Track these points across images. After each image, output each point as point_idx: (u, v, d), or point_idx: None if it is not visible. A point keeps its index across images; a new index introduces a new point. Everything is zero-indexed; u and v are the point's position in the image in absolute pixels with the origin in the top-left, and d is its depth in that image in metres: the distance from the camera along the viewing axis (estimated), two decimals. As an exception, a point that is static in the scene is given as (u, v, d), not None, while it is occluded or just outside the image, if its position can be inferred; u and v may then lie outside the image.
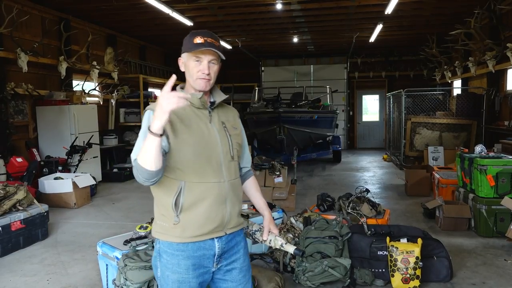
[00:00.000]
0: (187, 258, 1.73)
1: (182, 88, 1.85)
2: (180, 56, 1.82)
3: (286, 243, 1.98)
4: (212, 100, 1.84)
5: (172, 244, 1.73)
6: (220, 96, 1.87)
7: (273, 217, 4.21)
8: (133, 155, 1.65)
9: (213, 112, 1.82)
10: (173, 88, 1.57)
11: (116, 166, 8.98)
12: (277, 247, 1.99)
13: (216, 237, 1.77)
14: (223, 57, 1.78)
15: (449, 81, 11.04)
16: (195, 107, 1.78)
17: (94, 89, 8.95)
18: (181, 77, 1.80)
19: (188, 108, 1.76)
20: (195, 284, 1.76)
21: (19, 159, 6.26)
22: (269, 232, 1.98)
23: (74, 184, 6.30)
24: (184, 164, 1.71)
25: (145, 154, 1.53)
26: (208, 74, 1.75)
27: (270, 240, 1.99)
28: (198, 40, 1.71)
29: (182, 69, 1.84)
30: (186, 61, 1.79)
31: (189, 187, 1.71)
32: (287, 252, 3.69)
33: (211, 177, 1.74)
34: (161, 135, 1.50)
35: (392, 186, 7.65)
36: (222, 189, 1.76)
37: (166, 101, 1.44)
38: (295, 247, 1.99)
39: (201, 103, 1.78)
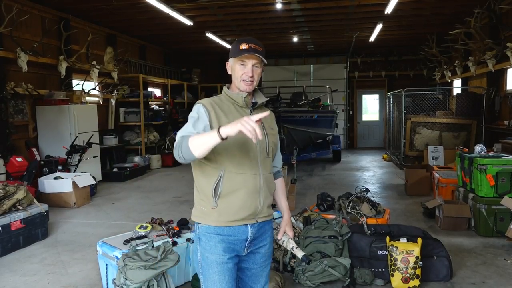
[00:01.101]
0: (222, 241, 1.91)
1: (228, 87, 2.03)
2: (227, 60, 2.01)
3: (297, 248, 2.10)
4: (254, 101, 2.04)
5: (210, 228, 1.92)
6: (261, 99, 2.06)
7: (274, 217, 4.21)
8: (180, 133, 1.83)
9: (254, 111, 2.00)
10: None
11: (116, 166, 8.98)
12: (288, 248, 2.11)
13: (249, 224, 1.94)
14: (265, 61, 1.97)
15: (449, 81, 11.04)
16: (238, 105, 1.98)
17: (94, 88, 8.94)
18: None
19: (233, 106, 1.98)
20: (231, 265, 1.94)
21: (19, 159, 6.25)
22: (284, 233, 2.12)
23: (74, 183, 6.30)
24: (225, 156, 1.88)
25: (201, 145, 1.68)
26: (252, 77, 1.93)
27: (283, 241, 2.11)
28: (243, 46, 1.90)
29: (229, 72, 2.02)
30: (232, 65, 1.98)
31: (228, 176, 1.88)
32: (287, 252, 3.70)
33: (248, 169, 1.91)
34: (223, 139, 1.64)
35: (392, 185, 7.65)
36: (257, 181, 1.94)
37: (246, 124, 1.56)
38: (304, 253, 2.11)
39: (244, 102, 1.97)
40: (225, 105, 1.96)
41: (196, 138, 1.70)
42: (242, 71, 1.92)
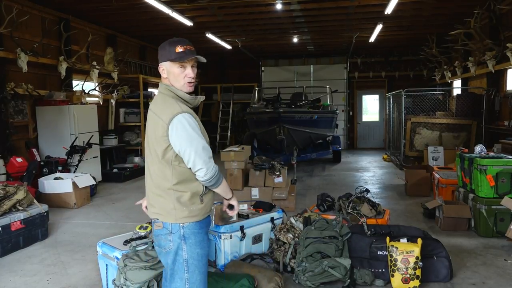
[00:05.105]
0: (205, 233, 2.13)
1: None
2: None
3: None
4: None
5: (196, 224, 2.05)
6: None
7: (273, 217, 4.20)
8: (207, 154, 2.04)
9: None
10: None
11: (116, 166, 8.98)
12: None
13: None
14: (204, 60, 2.08)
15: (449, 81, 11.04)
16: (192, 108, 2.11)
17: (94, 89, 8.95)
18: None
19: (193, 111, 2.08)
20: None
21: (19, 159, 6.25)
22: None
23: (74, 184, 6.30)
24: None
25: (222, 189, 2.17)
26: (194, 78, 2.06)
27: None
28: (180, 49, 2.00)
29: (164, 75, 2.07)
30: (169, 69, 2.05)
31: None
32: (287, 252, 3.70)
33: None
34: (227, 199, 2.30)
35: (392, 186, 7.65)
36: None
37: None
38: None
39: (197, 104, 2.16)
40: (192, 111, 2.11)
41: (225, 185, 2.17)
42: (183, 73, 2.02)
